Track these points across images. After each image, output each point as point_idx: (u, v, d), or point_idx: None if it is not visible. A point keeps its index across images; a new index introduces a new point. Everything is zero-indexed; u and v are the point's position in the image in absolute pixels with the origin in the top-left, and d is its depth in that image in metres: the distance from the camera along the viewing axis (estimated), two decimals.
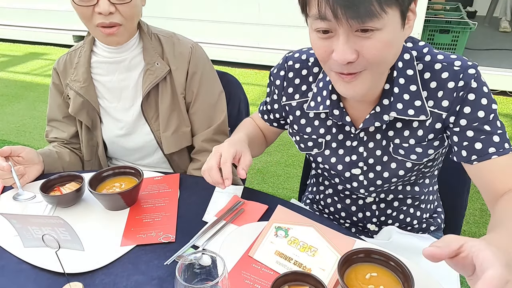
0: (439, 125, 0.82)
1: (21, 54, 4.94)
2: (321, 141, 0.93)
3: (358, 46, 0.69)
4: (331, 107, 0.87)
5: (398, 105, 0.81)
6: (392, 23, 0.67)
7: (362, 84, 0.74)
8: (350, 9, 0.63)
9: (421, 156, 0.85)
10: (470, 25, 3.36)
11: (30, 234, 0.78)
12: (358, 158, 0.90)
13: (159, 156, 1.23)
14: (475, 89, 0.76)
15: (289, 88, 0.95)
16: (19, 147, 1.03)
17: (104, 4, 0.97)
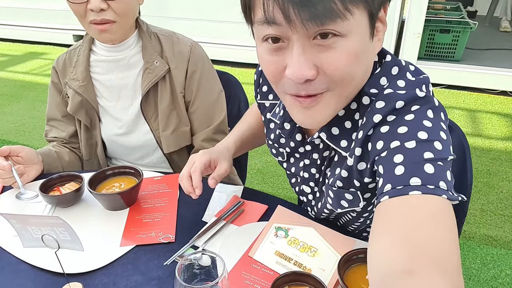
0: (345, 173, 0.69)
1: (21, 53, 4.94)
2: (282, 151, 0.86)
3: (317, 59, 0.55)
4: (282, 118, 0.77)
5: (333, 130, 0.68)
6: (359, 29, 0.54)
7: (324, 110, 0.60)
8: (305, 8, 0.49)
9: (335, 203, 0.74)
10: (471, 24, 3.36)
11: (30, 234, 0.78)
12: (309, 177, 0.82)
13: (159, 155, 1.22)
14: (392, 121, 0.60)
15: (264, 86, 0.88)
16: (18, 147, 1.03)
17: (95, 1, 0.96)
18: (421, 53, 3.51)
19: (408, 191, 0.52)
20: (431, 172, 0.53)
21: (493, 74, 3.33)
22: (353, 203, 0.73)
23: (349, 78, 0.57)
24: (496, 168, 2.42)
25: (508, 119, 3.00)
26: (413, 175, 0.53)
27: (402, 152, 0.56)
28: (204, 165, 0.86)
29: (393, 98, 0.60)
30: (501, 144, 2.67)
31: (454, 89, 3.47)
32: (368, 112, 0.62)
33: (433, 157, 0.54)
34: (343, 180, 0.70)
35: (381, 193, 0.56)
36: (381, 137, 0.59)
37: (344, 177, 0.70)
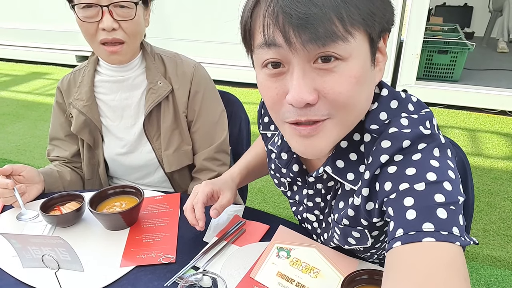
0: (351, 212, 0.67)
1: (24, 73, 5.00)
2: (283, 181, 0.85)
3: (318, 83, 0.54)
4: (280, 148, 0.76)
5: (337, 162, 0.66)
6: (360, 53, 0.53)
7: (324, 139, 0.58)
8: (305, 30, 0.49)
9: (341, 240, 0.72)
10: (468, 45, 3.41)
11: (30, 254, 0.77)
12: (314, 206, 0.80)
13: (160, 175, 1.22)
14: (399, 162, 0.58)
15: (265, 116, 0.88)
16: (20, 166, 1.03)
17: (107, 21, 0.99)
18: (419, 74, 3.55)
19: (421, 237, 0.51)
20: (444, 218, 0.52)
21: (492, 94, 3.35)
22: (361, 241, 0.70)
23: (351, 103, 0.56)
24: (498, 187, 2.41)
25: (508, 139, 3.01)
26: (425, 220, 0.52)
27: (412, 195, 0.54)
28: (207, 196, 0.86)
29: (399, 137, 0.58)
30: (502, 163, 2.66)
31: (454, 109, 3.49)
32: (374, 152, 0.60)
33: (445, 201, 0.53)
34: (349, 219, 0.68)
35: (392, 237, 0.54)
36: (389, 178, 0.57)
37: (351, 216, 0.67)
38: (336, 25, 0.50)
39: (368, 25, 0.53)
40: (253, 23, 0.55)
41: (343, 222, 0.69)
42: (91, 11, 0.99)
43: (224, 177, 0.95)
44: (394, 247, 0.53)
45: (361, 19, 0.52)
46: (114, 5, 0.99)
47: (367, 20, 0.52)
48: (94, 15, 1.00)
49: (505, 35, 4.73)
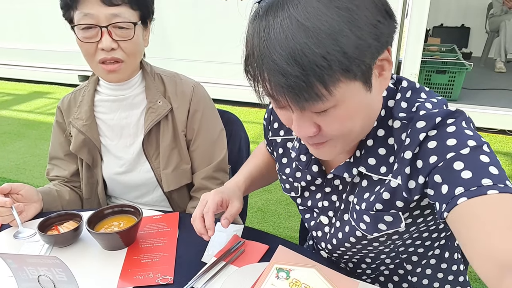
0: (387, 195, 0.69)
1: (26, 92, 5.04)
2: (297, 186, 0.86)
3: (316, 120, 0.61)
4: (299, 151, 0.81)
5: (370, 160, 0.70)
6: (349, 94, 0.57)
7: (331, 150, 0.67)
8: (292, 95, 0.55)
9: (370, 227, 0.73)
10: (466, 65, 3.45)
11: (26, 274, 0.76)
12: (329, 206, 0.82)
13: (159, 194, 1.22)
14: (436, 136, 0.63)
15: (275, 123, 0.91)
16: (19, 185, 1.03)
17: (106, 41, 1.01)
18: None
19: (485, 190, 0.55)
20: (496, 173, 0.57)
21: (491, 113, 3.37)
22: (393, 225, 0.72)
23: (347, 133, 0.63)
24: None
25: (508, 158, 3.00)
26: (483, 176, 0.56)
27: (461, 159, 0.59)
28: (217, 205, 0.85)
29: (431, 116, 0.64)
30: None
31: None
32: (411, 133, 0.64)
33: (489, 161, 0.58)
34: (383, 202, 0.70)
35: (451, 197, 0.57)
36: (432, 152, 0.62)
37: (386, 199, 0.70)
38: (318, 88, 0.55)
39: (352, 74, 0.56)
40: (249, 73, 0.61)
41: (376, 207, 0.71)
42: (91, 32, 1.01)
43: (230, 185, 0.94)
44: (459, 203, 0.56)
45: (342, 76, 0.55)
46: (113, 26, 1.01)
47: (349, 72, 0.55)
48: (94, 36, 1.01)
49: (502, 55, 4.79)
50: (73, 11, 1.02)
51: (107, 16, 0.99)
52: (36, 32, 5.07)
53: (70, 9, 1.02)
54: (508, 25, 4.64)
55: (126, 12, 1.02)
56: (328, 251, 0.86)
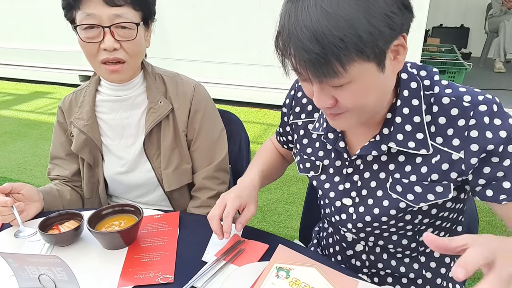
0: (446, 166, 0.75)
1: (27, 92, 5.05)
2: (319, 164, 0.92)
3: (334, 93, 0.69)
4: (326, 129, 0.87)
5: (398, 136, 0.77)
6: (363, 74, 0.65)
7: (347, 121, 0.74)
8: (312, 70, 0.64)
9: (419, 198, 0.78)
10: (465, 66, 3.45)
11: (27, 274, 0.76)
12: (351, 187, 0.86)
13: (160, 193, 1.22)
14: (489, 125, 0.70)
15: (297, 107, 0.97)
16: (20, 184, 1.03)
17: (109, 41, 1.01)
18: None
19: None
20: None
21: None
22: (442, 195, 0.77)
23: (361, 107, 0.70)
24: None
25: None
26: None
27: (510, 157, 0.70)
28: (236, 210, 0.89)
29: (489, 102, 0.72)
30: None
31: None
32: (476, 115, 0.71)
33: None
34: (441, 173, 0.76)
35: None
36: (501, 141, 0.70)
37: (444, 170, 0.76)
38: (335, 65, 0.63)
39: (366, 56, 0.63)
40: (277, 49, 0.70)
41: (431, 178, 0.77)
42: (93, 32, 1.01)
43: (247, 185, 0.96)
44: None
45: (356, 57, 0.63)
46: (115, 26, 1.01)
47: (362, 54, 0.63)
48: (96, 36, 1.02)
49: (502, 56, 4.79)
50: (75, 11, 1.02)
51: (110, 17, 1.00)
52: (37, 32, 5.08)
53: (72, 9, 1.03)
54: (507, 26, 4.64)
55: (128, 12, 1.02)
56: (353, 232, 0.90)
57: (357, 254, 0.94)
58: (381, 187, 0.83)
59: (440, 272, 0.92)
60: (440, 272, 0.92)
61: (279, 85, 4.04)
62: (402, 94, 0.76)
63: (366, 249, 0.92)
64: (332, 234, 1.02)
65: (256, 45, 4.07)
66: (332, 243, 1.02)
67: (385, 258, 0.91)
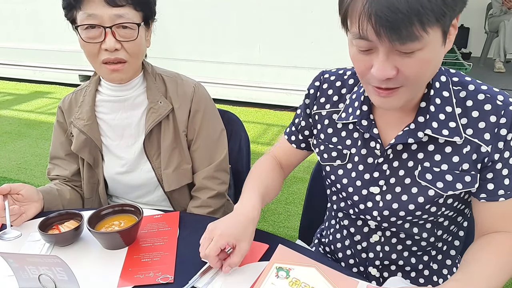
0: (475, 156, 0.79)
1: (27, 92, 5.05)
2: (346, 153, 0.92)
3: (398, 63, 0.69)
4: (360, 117, 0.87)
5: (433, 124, 0.79)
6: (433, 42, 0.67)
7: (398, 100, 0.75)
8: (392, 31, 0.63)
9: (448, 186, 0.81)
10: (465, 65, 3.45)
11: (27, 274, 0.76)
12: (380, 176, 0.87)
13: (160, 193, 1.22)
14: None
15: (321, 98, 0.97)
16: (19, 185, 1.03)
17: (110, 41, 1.01)
18: None
19: None
20: None
21: None
22: (469, 185, 0.81)
23: (422, 79, 0.73)
24: None
25: None
26: None
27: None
28: (219, 249, 0.81)
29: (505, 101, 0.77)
30: None
31: None
32: (506, 114, 0.76)
33: None
34: (471, 163, 0.79)
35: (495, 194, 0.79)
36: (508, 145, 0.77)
37: (473, 160, 0.79)
38: (416, 28, 0.63)
39: (441, 23, 0.66)
40: (350, 13, 0.68)
41: (463, 167, 0.80)
42: (94, 32, 1.01)
43: (243, 219, 0.86)
44: None
45: (435, 21, 0.64)
46: (116, 26, 1.01)
47: (440, 19, 0.65)
48: (97, 36, 1.02)
49: (502, 56, 4.79)
50: (76, 12, 1.02)
51: (111, 17, 1.00)
52: (37, 32, 5.08)
53: (73, 9, 1.03)
54: (507, 25, 4.64)
55: (129, 12, 1.03)
56: (378, 220, 0.90)
57: (371, 246, 0.94)
58: (410, 175, 0.84)
59: (446, 264, 0.96)
60: (446, 264, 0.96)
61: (279, 85, 4.04)
62: (434, 85, 0.80)
63: (381, 240, 0.93)
64: (341, 229, 1.01)
65: (256, 45, 4.07)
66: (340, 238, 1.01)
67: (399, 249, 0.93)
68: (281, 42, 3.98)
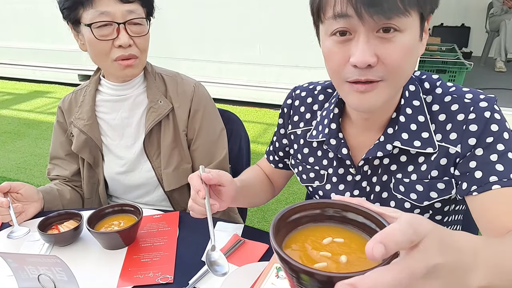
0: (444, 161, 0.75)
1: (26, 92, 5.04)
2: (323, 173, 0.90)
3: (378, 49, 0.65)
4: (328, 135, 0.84)
5: (403, 135, 0.76)
6: (413, 28, 0.65)
7: (377, 96, 0.69)
8: (374, 5, 0.61)
9: (421, 197, 0.78)
10: (466, 65, 3.45)
11: (26, 274, 0.76)
12: (360, 193, 0.85)
13: (160, 193, 1.22)
14: (488, 119, 0.71)
15: (295, 116, 0.95)
16: (19, 184, 1.03)
17: (124, 37, 1.02)
18: None
19: None
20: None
21: None
22: (444, 192, 0.77)
23: (402, 69, 0.68)
24: None
25: None
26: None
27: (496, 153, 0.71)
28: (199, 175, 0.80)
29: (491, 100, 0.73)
30: None
31: None
32: (476, 110, 0.72)
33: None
34: (440, 168, 0.76)
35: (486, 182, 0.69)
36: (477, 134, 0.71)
37: (443, 165, 0.75)
38: (397, 3, 0.61)
39: (421, 6, 0.65)
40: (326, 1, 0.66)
41: (431, 174, 0.76)
42: (107, 29, 1.02)
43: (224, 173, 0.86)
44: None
45: (416, 1, 0.63)
46: (128, 23, 1.03)
47: (421, 2, 0.64)
48: (110, 33, 1.02)
49: (503, 55, 4.78)
50: (83, 10, 1.02)
51: (123, 13, 1.01)
52: (37, 31, 5.07)
53: (78, 9, 1.02)
54: (508, 25, 4.64)
55: (138, 8, 1.05)
56: None
57: None
58: (386, 188, 0.82)
59: None
60: None
61: (280, 85, 4.04)
62: (404, 94, 0.77)
63: None
64: None
65: (256, 44, 4.07)
66: None
67: None
68: (281, 41, 3.97)
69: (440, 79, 0.80)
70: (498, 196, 0.69)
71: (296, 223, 0.49)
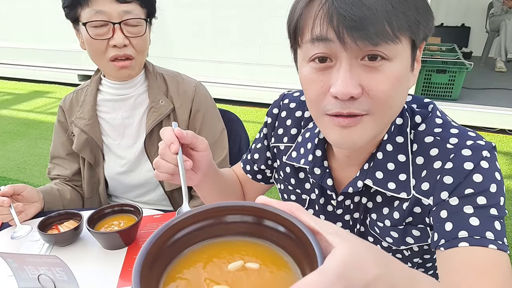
0: (418, 210, 0.67)
1: (26, 92, 5.04)
2: (305, 198, 0.81)
3: (363, 79, 0.56)
4: (312, 163, 0.75)
5: (377, 174, 0.67)
6: (403, 56, 0.57)
7: (361, 132, 0.60)
8: (358, 30, 0.53)
9: (398, 242, 0.71)
10: (466, 65, 3.44)
11: (26, 274, 0.76)
12: (344, 226, 0.76)
13: (160, 193, 1.22)
14: (470, 171, 0.60)
15: (279, 129, 0.84)
16: (21, 186, 1.03)
17: (119, 37, 1.02)
18: (417, 92, 3.58)
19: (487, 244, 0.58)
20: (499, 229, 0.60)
21: (491, 113, 3.37)
22: (420, 239, 0.70)
23: (390, 102, 0.59)
24: None
25: (508, 157, 3.00)
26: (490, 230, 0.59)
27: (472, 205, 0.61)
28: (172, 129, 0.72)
29: (478, 148, 0.62)
30: None
31: None
32: (455, 158, 0.62)
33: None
34: (414, 216, 0.67)
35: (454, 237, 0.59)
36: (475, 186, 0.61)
37: (417, 213, 0.67)
38: (385, 27, 0.54)
39: (413, 32, 0.57)
40: (304, 20, 0.58)
41: (406, 221, 0.68)
42: (102, 29, 1.02)
43: None
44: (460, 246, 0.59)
45: (408, 26, 0.55)
46: (124, 23, 1.02)
47: (413, 27, 0.56)
48: (105, 33, 1.02)
49: (503, 55, 4.78)
50: (80, 9, 1.02)
51: (120, 13, 1.01)
52: (36, 31, 5.07)
53: (76, 8, 1.02)
54: (508, 25, 4.64)
55: (136, 9, 1.04)
56: None
57: None
58: (363, 223, 0.75)
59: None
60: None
61: (280, 85, 4.04)
62: (390, 128, 0.67)
63: None
64: None
65: (256, 44, 4.07)
66: None
67: None
68: (281, 41, 3.96)
69: (431, 111, 0.69)
70: (465, 255, 0.58)
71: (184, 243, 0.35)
